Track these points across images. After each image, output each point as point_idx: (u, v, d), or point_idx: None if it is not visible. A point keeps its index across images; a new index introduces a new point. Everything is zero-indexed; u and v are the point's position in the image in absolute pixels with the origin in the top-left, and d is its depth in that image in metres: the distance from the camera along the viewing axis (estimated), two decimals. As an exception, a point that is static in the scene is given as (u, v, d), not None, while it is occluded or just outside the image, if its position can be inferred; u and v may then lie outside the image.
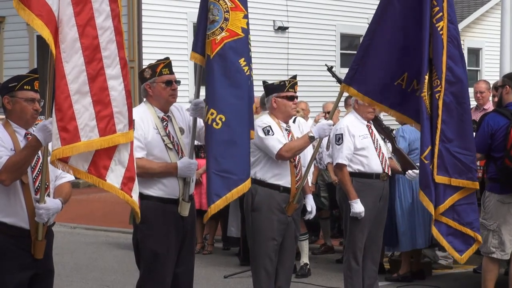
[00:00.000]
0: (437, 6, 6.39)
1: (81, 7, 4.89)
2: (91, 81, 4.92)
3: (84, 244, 11.84)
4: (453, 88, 6.43)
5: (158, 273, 5.78)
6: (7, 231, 5.03)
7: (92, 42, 4.92)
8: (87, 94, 4.90)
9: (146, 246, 5.81)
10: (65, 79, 4.84)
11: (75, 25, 4.87)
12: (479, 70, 26.68)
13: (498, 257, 7.29)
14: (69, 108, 4.83)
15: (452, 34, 6.48)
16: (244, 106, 5.80)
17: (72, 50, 4.86)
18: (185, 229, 5.87)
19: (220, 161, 5.68)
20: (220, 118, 5.68)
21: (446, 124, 6.42)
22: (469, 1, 26.64)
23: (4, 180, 4.93)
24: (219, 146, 5.68)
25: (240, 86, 5.75)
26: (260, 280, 6.75)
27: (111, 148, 5.03)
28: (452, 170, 6.42)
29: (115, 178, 5.05)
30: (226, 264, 10.12)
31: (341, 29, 22.13)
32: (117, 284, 9.19)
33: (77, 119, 4.85)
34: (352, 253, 7.44)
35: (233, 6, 5.76)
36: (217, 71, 5.73)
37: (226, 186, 5.70)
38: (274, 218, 6.72)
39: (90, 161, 4.98)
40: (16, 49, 18.92)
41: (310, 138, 6.72)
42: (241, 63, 5.75)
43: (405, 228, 8.91)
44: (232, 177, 5.71)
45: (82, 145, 4.87)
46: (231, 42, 5.73)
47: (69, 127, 4.82)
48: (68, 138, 4.81)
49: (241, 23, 5.77)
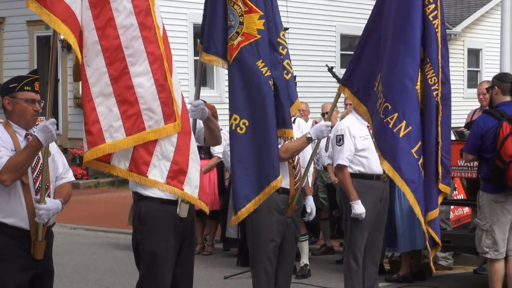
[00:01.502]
0: (433, 4, 6.39)
1: (99, 9, 4.92)
2: (114, 81, 4.95)
3: (84, 245, 11.85)
4: (443, 89, 6.48)
5: (157, 274, 5.77)
6: (7, 232, 5.04)
7: (112, 43, 4.94)
8: (110, 95, 4.94)
9: (145, 247, 5.80)
10: (87, 83, 4.91)
11: (94, 28, 4.91)
12: (479, 70, 26.69)
13: (492, 257, 7.33)
14: (92, 111, 4.90)
15: (443, 34, 6.52)
16: (267, 107, 5.82)
17: (92, 53, 4.91)
18: (185, 230, 5.86)
19: (247, 165, 5.71)
20: (244, 122, 5.72)
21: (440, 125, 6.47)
22: (469, 2, 26.66)
23: (4, 181, 4.93)
24: (245, 150, 5.72)
25: (259, 89, 5.78)
26: (259, 281, 6.74)
27: (151, 143, 5.06)
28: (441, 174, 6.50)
29: (159, 173, 5.12)
30: (226, 265, 10.12)
31: (341, 30, 22.15)
32: (117, 285, 9.19)
33: (100, 121, 4.92)
34: (352, 254, 7.43)
35: (247, 9, 5.79)
36: (236, 76, 5.77)
37: (255, 189, 5.73)
38: (273, 219, 6.71)
39: (130, 159, 5.03)
40: (16, 50, 18.93)
41: (308, 139, 6.71)
42: (259, 65, 5.78)
43: (404, 229, 8.91)
44: (259, 180, 5.74)
45: (106, 146, 4.93)
46: (247, 45, 5.76)
47: (93, 129, 4.89)
48: (92, 141, 4.90)
49: (257, 25, 5.80)
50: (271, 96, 5.84)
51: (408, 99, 6.33)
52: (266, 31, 5.84)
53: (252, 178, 5.73)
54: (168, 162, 5.11)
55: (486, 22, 26.34)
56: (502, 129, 7.14)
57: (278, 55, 6.00)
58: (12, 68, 18.48)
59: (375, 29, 6.55)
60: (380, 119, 6.38)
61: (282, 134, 6.00)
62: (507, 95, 7.38)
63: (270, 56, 5.91)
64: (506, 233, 7.31)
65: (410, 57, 6.32)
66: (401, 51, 6.31)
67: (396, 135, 6.32)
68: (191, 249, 6.03)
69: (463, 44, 26.07)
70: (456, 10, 26.40)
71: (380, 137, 6.44)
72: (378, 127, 6.43)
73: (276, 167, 5.89)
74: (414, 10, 6.31)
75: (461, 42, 25.98)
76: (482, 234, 7.36)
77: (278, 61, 5.97)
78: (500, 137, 7.12)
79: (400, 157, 6.33)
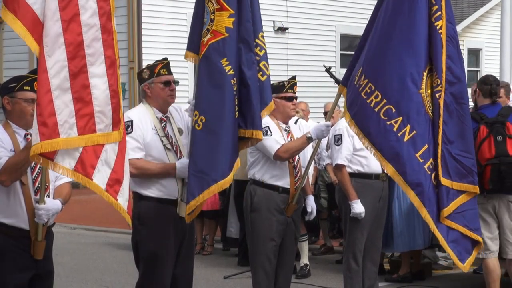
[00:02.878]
0: (436, 5, 6.36)
1: (66, 2, 4.79)
2: (72, 77, 4.81)
3: (84, 244, 11.85)
4: (453, 88, 6.39)
5: (157, 274, 5.78)
6: (7, 232, 5.03)
7: (76, 38, 4.82)
8: (67, 91, 4.79)
9: (145, 247, 5.81)
10: (46, 73, 4.74)
11: (59, 20, 4.77)
12: (479, 70, 26.69)
13: (483, 256, 7.34)
14: (49, 103, 4.73)
15: (451, 33, 6.44)
16: (227, 106, 5.75)
17: (55, 44, 4.76)
18: (184, 230, 5.87)
19: (197, 161, 5.66)
20: (201, 119, 5.66)
21: (447, 125, 6.35)
22: (469, 2, 26.67)
23: (4, 181, 4.93)
24: (198, 147, 5.67)
25: (222, 87, 5.73)
26: (259, 280, 6.74)
27: (98, 147, 4.94)
28: (453, 173, 6.34)
29: (101, 178, 4.95)
30: (226, 264, 10.12)
31: (341, 30, 22.14)
32: (117, 284, 9.19)
33: (56, 115, 4.73)
34: (352, 253, 7.43)
35: (218, 7, 5.78)
36: (202, 72, 5.74)
37: (200, 186, 5.67)
38: (273, 218, 6.72)
39: (77, 159, 4.87)
40: (16, 49, 18.92)
41: (308, 139, 6.71)
42: (223, 63, 5.73)
43: (403, 229, 8.89)
44: (205, 178, 5.68)
45: (61, 141, 4.75)
46: (215, 43, 5.74)
47: (49, 122, 4.71)
48: (47, 134, 4.70)
49: (226, 23, 5.76)
50: (232, 96, 5.76)
51: (411, 103, 6.29)
52: (235, 30, 5.80)
53: (199, 175, 5.67)
54: (109, 169, 4.97)
55: (486, 22, 26.35)
56: (479, 133, 7.17)
57: (254, 55, 5.96)
58: (12, 68, 18.49)
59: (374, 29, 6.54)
60: (380, 119, 6.33)
61: (251, 135, 5.93)
62: (487, 97, 7.40)
63: (244, 56, 5.86)
64: (494, 232, 7.30)
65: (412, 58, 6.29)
66: (402, 52, 6.29)
67: (401, 139, 6.28)
68: (190, 249, 6.03)
69: (463, 44, 26.06)
70: (456, 10, 26.39)
71: (382, 138, 6.38)
72: (377, 126, 6.37)
73: (226, 167, 5.78)
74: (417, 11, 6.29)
75: (461, 42, 25.77)
76: None
77: (253, 62, 5.93)
78: (477, 141, 7.14)
79: (404, 161, 6.28)
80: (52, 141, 4.72)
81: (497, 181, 7.10)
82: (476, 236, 6.42)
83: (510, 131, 7.16)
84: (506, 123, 7.17)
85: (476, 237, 6.42)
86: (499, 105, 7.43)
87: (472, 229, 6.41)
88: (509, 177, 7.07)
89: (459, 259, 6.40)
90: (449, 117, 6.36)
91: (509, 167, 7.06)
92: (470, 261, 6.47)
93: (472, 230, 6.41)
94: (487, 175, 7.11)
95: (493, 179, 7.09)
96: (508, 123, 7.17)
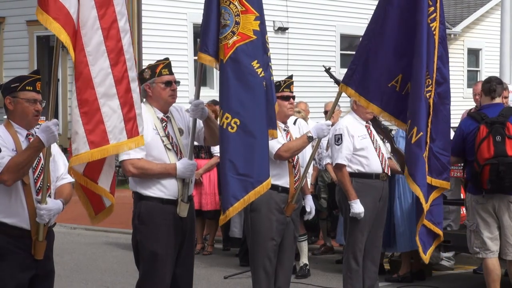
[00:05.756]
0: (432, 6, 6.43)
1: (104, 10, 4.95)
2: (117, 83, 5.00)
3: (84, 244, 11.86)
4: (440, 89, 6.58)
5: (157, 273, 5.78)
6: (8, 232, 5.04)
7: (116, 45, 5.00)
8: (114, 96, 4.97)
9: (145, 247, 5.81)
10: (91, 82, 4.90)
11: (99, 28, 4.93)
12: (479, 70, 26.71)
13: (483, 256, 7.36)
14: (96, 111, 4.90)
15: (442, 34, 6.57)
16: (260, 108, 5.82)
17: (97, 53, 4.92)
18: (184, 230, 5.88)
19: (237, 164, 5.71)
20: (235, 122, 5.71)
21: (432, 124, 6.58)
22: (469, 2, 26.67)
23: (6, 181, 4.94)
24: (235, 149, 5.71)
25: (254, 89, 5.79)
26: (259, 280, 6.75)
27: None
28: (433, 170, 6.62)
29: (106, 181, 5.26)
30: (226, 264, 10.12)
31: (341, 30, 22.15)
32: (117, 284, 9.20)
33: (105, 122, 4.92)
34: (352, 253, 7.44)
35: (244, 9, 5.78)
36: (230, 75, 5.75)
37: (244, 188, 5.73)
38: (273, 218, 6.73)
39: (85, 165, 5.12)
40: (16, 49, 18.92)
41: (309, 138, 6.73)
42: (254, 65, 5.78)
43: (405, 229, 8.91)
44: (249, 180, 5.74)
45: (111, 147, 4.95)
46: (243, 45, 5.75)
47: (97, 130, 4.88)
48: (96, 141, 4.87)
49: (253, 26, 5.79)
50: (264, 97, 5.84)
51: (420, 106, 6.46)
52: (260, 33, 5.85)
53: (242, 178, 5.72)
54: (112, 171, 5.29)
55: (486, 22, 26.35)
56: (479, 133, 7.20)
57: (267, 57, 6.01)
58: (12, 68, 18.48)
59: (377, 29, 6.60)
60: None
61: (271, 135, 6.02)
62: (488, 96, 7.44)
63: (263, 58, 5.91)
64: (495, 232, 7.31)
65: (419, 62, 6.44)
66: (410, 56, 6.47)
67: (409, 141, 6.47)
68: (190, 248, 6.04)
69: (463, 44, 26.08)
70: (456, 10, 26.42)
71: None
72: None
73: (268, 168, 5.89)
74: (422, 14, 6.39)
75: (461, 42, 25.99)
76: (471, 235, 7.41)
77: (268, 63, 5.98)
78: (477, 141, 7.19)
79: (413, 162, 6.51)
80: (103, 148, 4.94)
81: (496, 181, 7.12)
82: (437, 230, 6.73)
83: (510, 131, 7.17)
84: (506, 123, 7.18)
85: (437, 231, 6.73)
86: (501, 105, 7.45)
87: (436, 223, 6.72)
88: (508, 177, 7.09)
89: (423, 251, 6.73)
90: (434, 116, 6.57)
91: (508, 167, 7.08)
92: (430, 253, 6.79)
93: (435, 224, 6.73)
94: (486, 175, 7.13)
95: (492, 179, 7.12)
96: (509, 123, 7.18)
